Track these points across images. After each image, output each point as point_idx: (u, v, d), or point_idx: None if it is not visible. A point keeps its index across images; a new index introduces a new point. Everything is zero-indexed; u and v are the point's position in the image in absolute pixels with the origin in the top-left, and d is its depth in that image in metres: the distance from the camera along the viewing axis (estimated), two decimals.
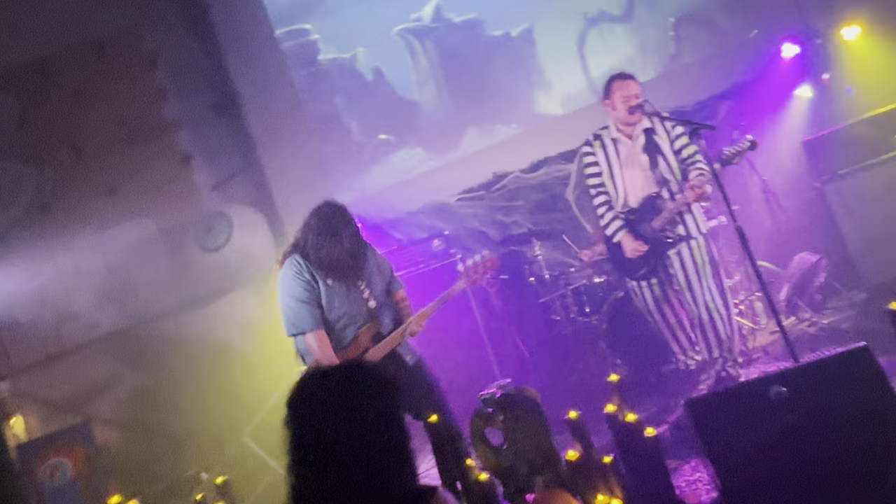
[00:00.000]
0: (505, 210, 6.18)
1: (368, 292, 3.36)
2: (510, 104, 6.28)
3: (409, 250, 5.49)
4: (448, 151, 6.37)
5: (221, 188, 6.07)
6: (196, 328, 5.94)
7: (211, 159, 6.13)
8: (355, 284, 3.34)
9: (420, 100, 6.43)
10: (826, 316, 4.60)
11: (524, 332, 5.48)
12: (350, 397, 1.59)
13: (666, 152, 3.90)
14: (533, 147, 6.07)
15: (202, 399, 5.70)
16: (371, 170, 6.43)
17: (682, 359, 4.12)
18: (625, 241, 3.98)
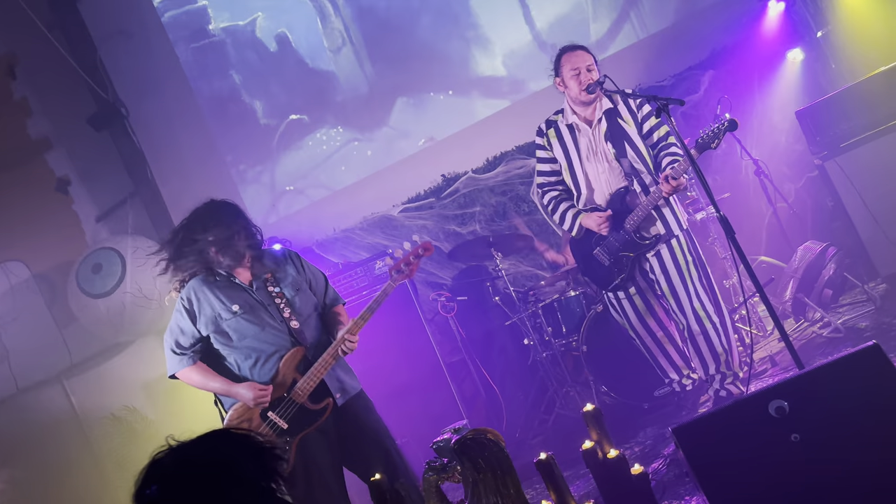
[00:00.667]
0: (460, 219, 6.23)
1: (289, 310, 3.35)
2: (444, 67, 6.34)
3: (348, 275, 5.48)
4: (375, 128, 6.39)
5: (109, 217, 5.98)
6: (89, 393, 5.82)
7: (93, 183, 6.04)
8: (272, 303, 3.34)
9: (336, 69, 6.44)
10: (839, 314, 4.72)
11: (492, 364, 5.51)
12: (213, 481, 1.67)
13: (633, 137, 3.96)
14: (486, 141, 6.14)
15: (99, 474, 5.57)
16: (283, 158, 6.39)
17: (676, 379, 4.18)
18: (589, 222, 4.03)
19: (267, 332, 3.32)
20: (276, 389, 3.31)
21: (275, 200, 6.42)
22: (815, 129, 4.92)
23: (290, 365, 3.32)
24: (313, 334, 3.43)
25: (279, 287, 3.41)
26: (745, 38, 5.83)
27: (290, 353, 3.32)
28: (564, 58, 3.99)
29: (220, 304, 3.33)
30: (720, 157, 5.68)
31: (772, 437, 2.55)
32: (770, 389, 2.62)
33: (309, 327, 3.42)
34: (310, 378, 3.31)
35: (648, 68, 5.80)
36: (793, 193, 5.70)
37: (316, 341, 3.42)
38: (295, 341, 3.35)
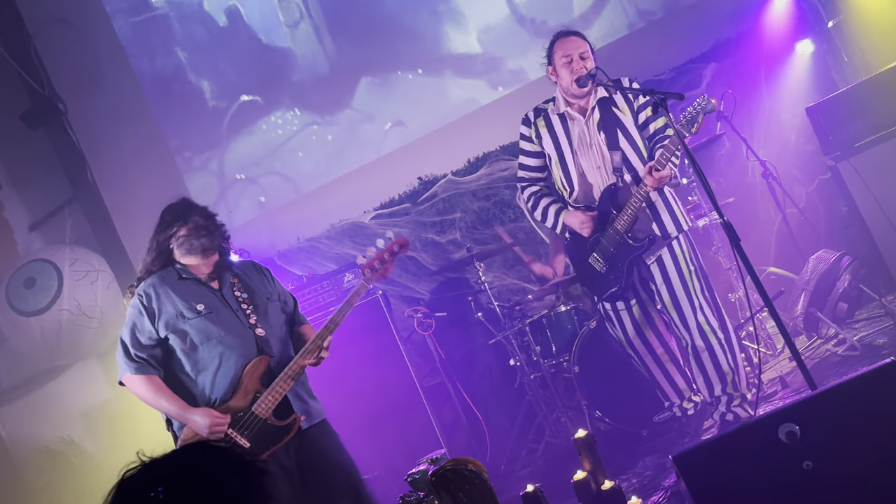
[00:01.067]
0: (438, 226, 6.25)
1: (255, 318, 3.38)
2: (412, 44, 6.37)
3: (313, 289, 5.48)
4: (336, 110, 6.40)
5: (44, 226, 5.93)
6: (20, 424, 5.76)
7: (26, 187, 6.00)
8: (235, 306, 3.36)
9: (293, 46, 6.45)
10: (855, 331, 4.79)
11: (474, 387, 5.52)
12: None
13: (629, 127, 4.00)
14: (467, 140, 6.17)
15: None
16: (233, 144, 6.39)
17: (677, 403, 4.21)
18: (571, 220, 4.06)
19: (232, 336, 3.34)
20: (237, 401, 3.30)
21: (224, 190, 6.41)
22: (827, 128, 5.00)
23: (254, 375, 3.32)
24: (279, 347, 3.44)
25: (246, 293, 3.45)
26: (750, 29, 5.93)
27: (253, 361, 3.33)
28: (557, 44, 4.03)
29: (183, 302, 3.35)
30: (724, 159, 5.76)
31: (782, 464, 2.58)
32: (779, 412, 2.65)
33: (275, 338, 3.44)
34: (274, 391, 3.31)
35: (645, 60, 5.87)
36: (804, 198, 5.79)
37: (281, 355, 3.43)
38: (260, 350, 3.36)
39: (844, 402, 2.62)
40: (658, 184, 3.76)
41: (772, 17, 5.88)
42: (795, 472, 2.56)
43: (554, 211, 4.12)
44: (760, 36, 5.89)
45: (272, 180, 6.45)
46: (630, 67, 5.75)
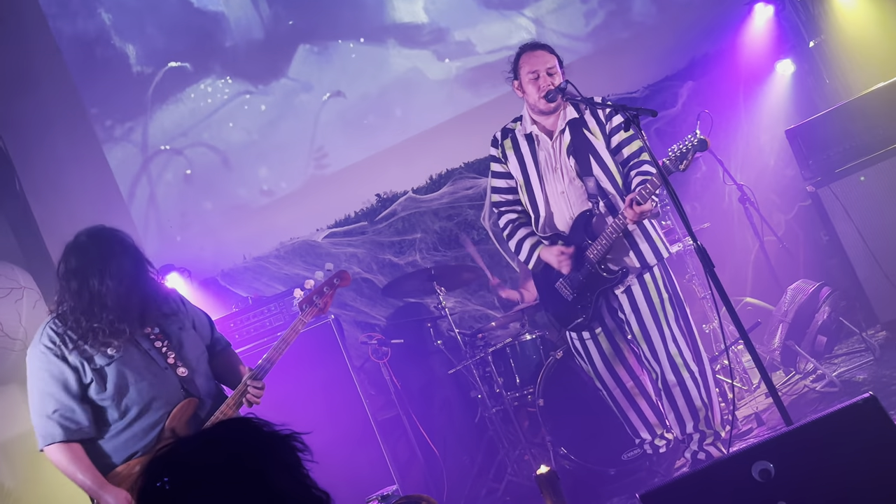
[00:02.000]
0: (397, 247, 6.24)
1: (174, 356, 3.27)
2: (354, 11, 6.40)
3: (259, 312, 5.42)
4: (271, 79, 6.41)
5: None
6: None
7: None
8: (152, 346, 3.25)
9: (226, 10, 6.43)
10: (834, 366, 4.86)
11: (432, 420, 5.49)
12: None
13: (601, 152, 4.03)
14: (429, 156, 6.19)
15: None
16: (158, 113, 6.36)
17: (648, 440, 4.22)
18: (547, 257, 4.07)
19: (150, 381, 3.21)
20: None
21: (146, 162, 6.39)
22: (807, 152, 5.09)
23: (181, 420, 3.22)
24: (204, 384, 3.34)
25: (157, 328, 3.32)
26: (729, 46, 6.04)
27: (179, 405, 3.22)
28: (523, 58, 4.06)
29: (92, 348, 3.21)
30: (700, 182, 5.84)
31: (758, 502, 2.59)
32: (753, 449, 2.67)
33: (199, 375, 3.32)
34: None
35: (619, 77, 5.95)
36: (783, 225, 5.88)
37: (206, 392, 3.32)
38: (186, 392, 3.26)
39: (821, 438, 2.65)
40: (638, 217, 3.77)
41: (751, 34, 6.00)
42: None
43: (529, 245, 4.14)
44: (739, 54, 6.00)
45: (199, 152, 6.45)
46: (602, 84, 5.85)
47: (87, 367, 3.19)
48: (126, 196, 6.36)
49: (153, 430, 3.22)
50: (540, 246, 4.11)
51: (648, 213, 3.76)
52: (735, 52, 6.02)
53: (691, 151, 3.58)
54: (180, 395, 3.24)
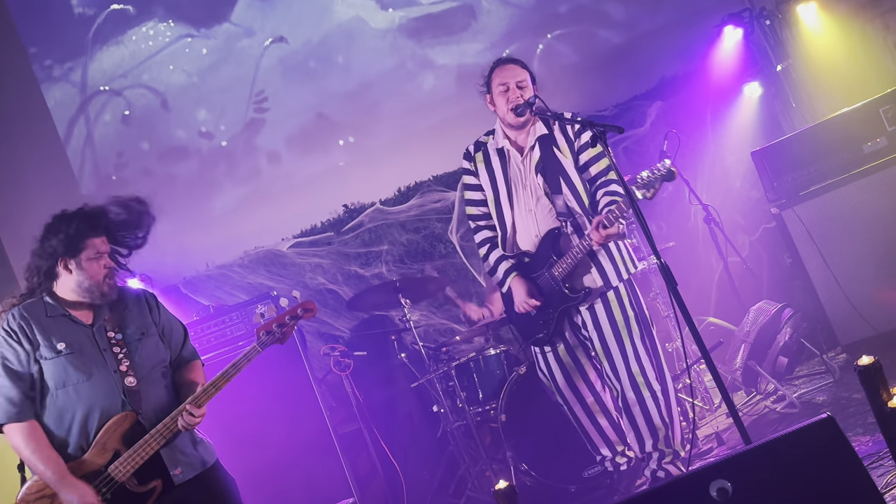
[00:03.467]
0: (363, 258, 6.21)
1: (127, 364, 3.19)
2: None
3: (221, 321, 5.35)
4: (214, 23, 6.45)
5: None
6: None
7: None
8: (109, 349, 3.18)
9: None
10: (795, 387, 4.89)
11: (393, 435, 5.45)
12: None
13: (569, 171, 4.03)
14: (397, 168, 6.18)
15: None
16: (99, 54, 6.38)
17: (608, 457, 4.21)
18: (515, 290, 4.07)
19: (93, 385, 3.12)
20: (93, 458, 3.12)
21: (85, 102, 6.40)
22: (772, 174, 5.14)
23: (115, 433, 3.13)
24: (153, 397, 3.22)
25: (121, 333, 3.24)
26: (698, 68, 6.10)
27: (116, 417, 3.13)
28: (495, 72, 4.07)
29: (43, 338, 3.14)
30: (666, 202, 5.87)
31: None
32: (711, 468, 2.67)
33: (148, 387, 3.22)
34: (135, 453, 3.11)
35: (587, 95, 5.98)
36: (747, 246, 5.93)
37: (156, 405, 3.22)
38: (126, 403, 3.18)
39: (778, 458, 2.65)
40: (604, 240, 3.77)
41: (720, 56, 6.06)
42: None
43: (504, 270, 4.14)
44: (708, 75, 6.06)
45: (138, 93, 6.46)
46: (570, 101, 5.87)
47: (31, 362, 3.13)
48: (63, 136, 6.37)
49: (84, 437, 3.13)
50: (513, 273, 4.10)
51: (615, 236, 3.76)
52: (704, 73, 6.08)
53: (658, 180, 3.59)
54: (119, 407, 3.15)
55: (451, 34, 6.33)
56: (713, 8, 6.22)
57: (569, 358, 4.13)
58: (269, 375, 5.01)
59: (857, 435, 3.81)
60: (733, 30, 6.03)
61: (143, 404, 3.18)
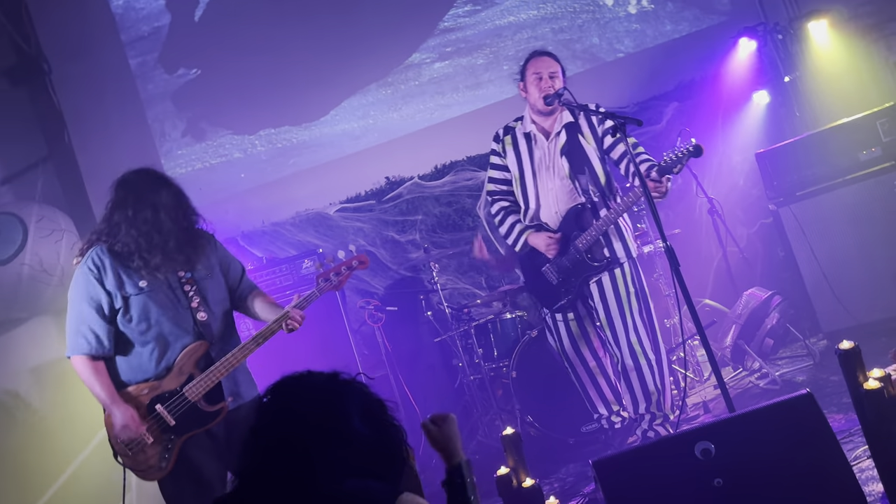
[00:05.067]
0: (400, 225, 6.18)
1: (198, 300, 3.22)
2: None
3: (272, 272, 5.38)
4: None
5: (15, 181, 5.75)
6: None
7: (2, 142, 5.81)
8: (180, 288, 3.20)
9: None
10: (778, 366, 4.81)
11: (416, 381, 5.46)
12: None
13: (591, 156, 3.99)
14: (436, 147, 6.14)
15: None
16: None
17: (605, 415, 4.18)
18: (535, 241, 4.03)
19: (170, 319, 3.17)
20: (170, 382, 3.18)
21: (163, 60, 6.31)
22: (772, 174, 5.04)
23: (190, 359, 3.18)
24: (220, 329, 3.28)
25: (190, 272, 3.26)
26: (713, 74, 5.98)
27: (192, 346, 3.18)
28: (530, 62, 4.03)
29: (126, 278, 3.17)
30: (675, 192, 5.76)
31: (695, 479, 2.56)
32: (698, 430, 2.64)
33: (216, 321, 3.27)
34: (209, 376, 3.17)
35: (610, 92, 5.88)
36: (745, 238, 5.82)
37: (222, 337, 3.27)
38: (199, 334, 3.21)
39: (759, 426, 2.62)
40: (656, 190, 3.63)
41: (734, 65, 5.93)
42: (706, 487, 2.54)
43: (518, 230, 4.10)
44: (721, 81, 5.94)
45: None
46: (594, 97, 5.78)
47: (118, 295, 3.15)
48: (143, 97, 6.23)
49: (163, 362, 3.18)
50: (528, 231, 4.07)
51: (664, 189, 3.65)
52: (718, 79, 5.95)
53: (687, 156, 3.53)
54: (194, 337, 3.20)
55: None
56: (731, 21, 6.09)
57: (576, 325, 4.09)
58: (312, 323, 5.00)
59: (832, 413, 3.75)
60: (748, 41, 5.89)
61: (213, 336, 3.22)
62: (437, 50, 6.33)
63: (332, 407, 1.82)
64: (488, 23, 6.33)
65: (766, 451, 2.57)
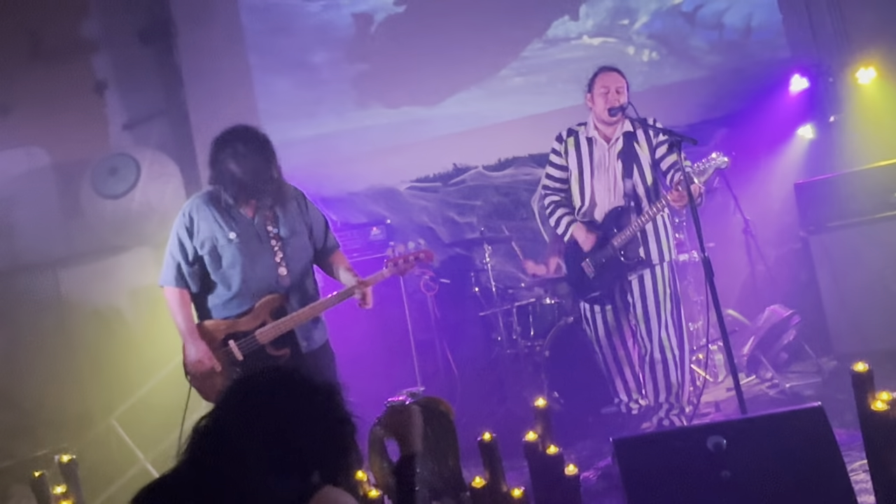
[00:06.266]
0: (460, 208, 6.17)
1: (281, 255, 3.26)
2: None
3: (343, 235, 5.42)
4: None
5: (135, 128, 5.90)
6: (78, 287, 5.75)
7: (128, 93, 5.97)
8: (268, 241, 3.25)
9: None
10: (789, 379, 4.70)
11: (458, 348, 5.47)
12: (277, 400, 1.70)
13: (643, 163, 3.95)
14: (502, 142, 6.09)
15: (72, 369, 5.50)
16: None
17: (625, 401, 4.15)
18: (578, 233, 4.02)
19: (254, 270, 3.23)
20: (246, 323, 3.23)
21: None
22: (808, 204, 4.95)
23: (266, 308, 3.23)
24: (297, 284, 3.31)
25: (277, 228, 3.29)
26: (764, 106, 5.80)
27: (270, 297, 3.23)
28: (599, 76, 3.99)
29: (218, 227, 3.23)
30: (714, 209, 5.64)
31: (704, 469, 2.52)
32: (713, 425, 2.62)
33: (294, 275, 3.30)
34: (280, 325, 3.22)
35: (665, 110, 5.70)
36: (773, 259, 5.68)
37: (299, 291, 3.31)
38: (278, 287, 3.25)
39: (771, 429, 2.57)
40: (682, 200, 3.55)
41: (784, 100, 5.76)
42: (714, 477, 2.50)
43: (566, 222, 4.08)
44: (770, 114, 5.76)
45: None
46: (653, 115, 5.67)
47: (208, 243, 3.23)
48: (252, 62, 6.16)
49: (242, 307, 3.24)
50: (574, 224, 4.04)
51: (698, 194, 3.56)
52: (767, 111, 5.78)
53: (713, 166, 3.48)
54: (273, 289, 3.24)
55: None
56: (788, 59, 5.89)
57: (612, 316, 4.06)
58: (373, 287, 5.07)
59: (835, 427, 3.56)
60: (800, 79, 5.70)
61: (290, 289, 3.26)
62: (517, 69, 6.19)
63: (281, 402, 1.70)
64: (557, 56, 6.20)
65: (773, 453, 2.51)
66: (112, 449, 5.16)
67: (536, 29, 5.56)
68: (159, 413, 5.13)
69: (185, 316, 3.25)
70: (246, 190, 3.19)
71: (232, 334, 3.24)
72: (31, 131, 5.80)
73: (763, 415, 2.60)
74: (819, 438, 2.48)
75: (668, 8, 5.97)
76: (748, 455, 2.49)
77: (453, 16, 5.85)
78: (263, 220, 3.27)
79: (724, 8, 6.01)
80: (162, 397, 5.13)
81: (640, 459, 2.58)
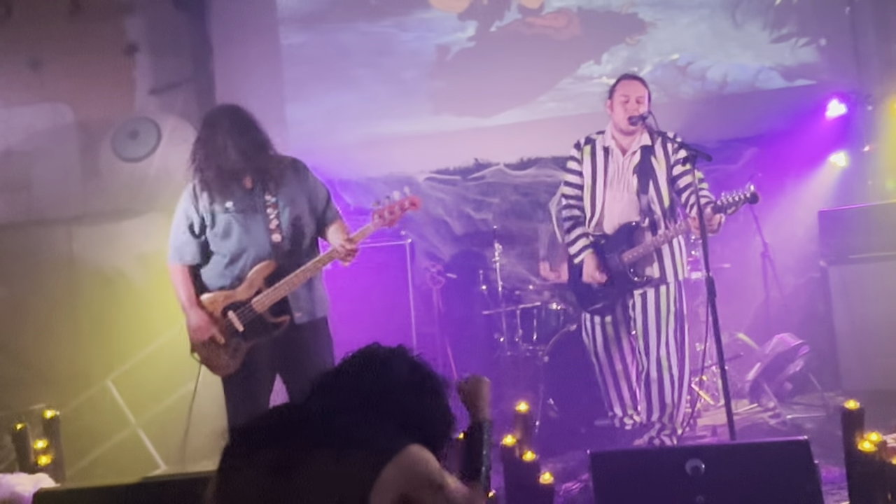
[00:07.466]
0: (476, 204, 6.15)
1: (277, 223, 3.29)
2: None
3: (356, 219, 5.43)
4: None
5: (161, 93, 5.96)
6: (89, 246, 5.82)
7: (158, 58, 6.03)
8: (263, 210, 3.28)
9: None
10: (792, 410, 4.63)
11: (459, 345, 5.47)
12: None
13: (660, 179, 3.90)
14: (526, 142, 6.05)
15: (74, 327, 5.58)
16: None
17: (619, 415, 4.11)
18: (587, 263, 3.97)
19: (250, 237, 3.29)
20: (242, 293, 3.29)
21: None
22: (831, 233, 4.86)
23: (260, 275, 3.29)
24: (292, 251, 3.34)
25: (275, 197, 3.33)
26: (797, 129, 5.69)
27: (262, 264, 3.28)
28: (620, 84, 3.95)
29: (218, 196, 3.29)
30: (732, 230, 5.55)
31: (679, 492, 2.50)
32: (693, 448, 2.60)
33: (290, 244, 3.34)
34: (275, 290, 3.27)
35: (698, 124, 5.66)
36: (790, 286, 5.58)
37: (292, 258, 3.34)
38: (272, 254, 3.30)
39: (752, 458, 2.54)
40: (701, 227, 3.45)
41: (820, 124, 5.64)
42: (688, 501, 2.48)
43: (580, 245, 4.02)
44: (803, 137, 5.65)
45: None
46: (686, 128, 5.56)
47: (208, 213, 3.27)
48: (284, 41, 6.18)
49: (238, 274, 3.29)
50: (588, 251, 3.98)
51: (717, 225, 3.54)
52: (800, 134, 5.66)
53: (742, 201, 3.43)
54: (267, 256, 3.29)
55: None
56: (827, 83, 5.76)
57: (612, 329, 4.03)
58: (381, 273, 5.11)
59: (830, 464, 3.56)
60: (838, 104, 5.57)
61: (285, 257, 3.29)
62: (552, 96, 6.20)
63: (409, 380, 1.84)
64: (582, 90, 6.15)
65: (752, 483, 2.49)
66: (105, 410, 5.24)
67: (569, 69, 6.19)
68: (155, 379, 5.21)
69: (186, 288, 3.36)
70: (239, 163, 3.23)
71: (231, 305, 3.28)
72: (58, 88, 5.89)
73: (746, 443, 2.57)
74: (801, 473, 2.44)
75: (667, 62, 6.05)
76: (725, 482, 2.46)
77: (508, 54, 6.14)
78: (262, 189, 3.31)
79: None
80: (160, 364, 5.20)
81: (615, 475, 2.57)
